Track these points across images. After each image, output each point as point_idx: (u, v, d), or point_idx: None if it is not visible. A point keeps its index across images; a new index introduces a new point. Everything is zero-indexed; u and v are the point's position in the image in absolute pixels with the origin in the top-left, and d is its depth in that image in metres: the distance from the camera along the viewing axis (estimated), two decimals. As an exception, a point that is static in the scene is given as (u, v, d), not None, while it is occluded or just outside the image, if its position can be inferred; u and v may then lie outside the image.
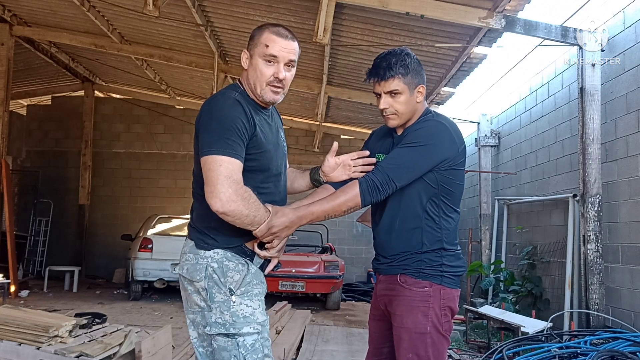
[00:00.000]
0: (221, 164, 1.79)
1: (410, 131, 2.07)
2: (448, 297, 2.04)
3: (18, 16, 8.95)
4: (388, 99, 2.07)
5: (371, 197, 1.97)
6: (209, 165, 1.80)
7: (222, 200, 1.77)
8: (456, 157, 2.05)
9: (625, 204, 5.33)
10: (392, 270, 2.09)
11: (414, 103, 2.09)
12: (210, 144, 1.82)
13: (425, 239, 2.04)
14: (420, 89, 2.09)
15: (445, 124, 2.08)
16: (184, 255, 2.00)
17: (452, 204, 2.08)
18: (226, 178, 1.78)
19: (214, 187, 1.78)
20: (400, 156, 2.01)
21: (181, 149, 12.81)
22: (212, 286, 1.90)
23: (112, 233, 12.06)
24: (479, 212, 9.27)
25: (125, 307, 8.09)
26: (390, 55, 2.07)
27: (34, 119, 13.21)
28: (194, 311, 1.97)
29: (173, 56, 9.04)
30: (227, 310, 1.88)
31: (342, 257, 10.13)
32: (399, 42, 6.53)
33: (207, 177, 1.81)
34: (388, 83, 2.05)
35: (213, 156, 1.80)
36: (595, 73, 5.45)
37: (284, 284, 8.33)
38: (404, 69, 2.04)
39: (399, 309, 2.04)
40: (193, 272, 1.93)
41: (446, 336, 2.05)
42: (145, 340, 3.75)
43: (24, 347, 3.58)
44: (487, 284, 7.69)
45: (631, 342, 4.45)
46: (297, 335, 5.65)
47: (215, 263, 1.92)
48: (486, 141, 9.13)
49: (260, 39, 1.94)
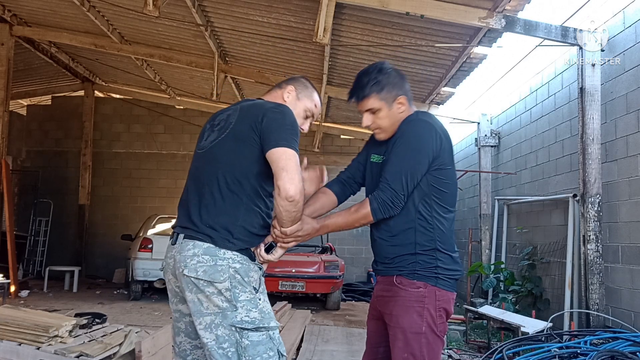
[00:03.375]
0: (295, 159, 1.95)
1: (398, 135, 2.11)
2: (443, 299, 2.07)
3: (18, 16, 8.95)
4: (369, 116, 2.17)
5: (383, 214, 2.05)
6: (288, 155, 1.93)
7: (298, 188, 1.90)
8: (442, 154, 2.07)
9: (625, 204, 5.33)
10: (389, 272, 2.13)
11: (396, 115, 2.14)
12: (286, 139, 1.96)
13: (418, 239, 2.07)
14: (400, 99, 2.14)
15: (429, 121, 2.11)
16: (194, 257, 1.96)
17: (445, 203, 2.10)
18: (299, 171, 1.94)
19: (293, 174, 1.90)
20: (398, 166, 2.04)
21: (181, 149, 12.82)
22: (235, 286, 1.94)
23: (112, 233, 12.07)
24: (479, 212, 9.27)
25: (125, 307, 8.10)
26: (363, 75, 2.16)
27: (34, 119, 13.21)
28: (212, 313, 1.94)
29: (173, 56, 9.04)
30: (255, 308, 1.96)
31: (342, 257, 10.14)
32: (399, 42, 6.53)
33: (285, 164, 1.91)
34: (364, 103, 2.15)
35: (289, 149, 1.94)
36: (595, 73, 5.45)
37: (284, 284, 8.33)
38: (377, 86, 2.12)
39: (395, 309, 2.07)
40: (213, 273, 1.93)
41: (441, 337, 2.07)
42: (145, 340, 3.75)
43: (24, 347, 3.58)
44: (489, 285, 7.68)
45: (631, 342, 4.45)
46: (297, 335, 5.65)
47: (238, 264, 1.96)
48: (486, 141, 9.13)
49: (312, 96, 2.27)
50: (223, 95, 9.53)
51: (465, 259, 9.43)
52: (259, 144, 1.99)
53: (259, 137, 1.99)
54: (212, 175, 2.05)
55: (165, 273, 2.14)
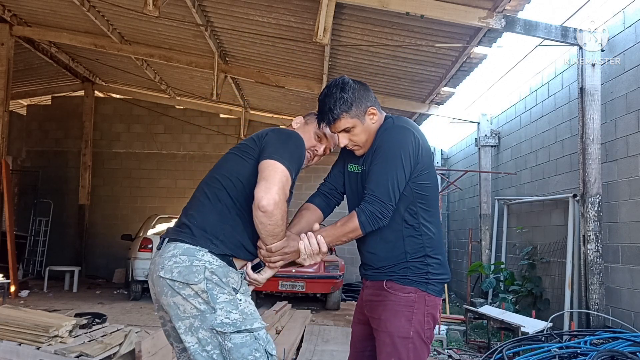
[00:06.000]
0: (283, 174, 1.91)
1: (377, 145, 2.06)
2: (432, 305, 2.06)
3: (18, 16, 8.95)
4: (344, 135, 2.11)
5: (372, 226, 1.99)
6: (275, 167, 1.92)
7: (272, 199, 1.85)
8: (421, 158, 2.04)
9: (625, 204, 5.33)
10: (379, 277, 2.11)
11: (370, 126, 2.10)
12: (281, 155, 1.95)
13: (408, 248, 2.06)
14: (371, 110, 2.10)
15: (405, 126, 2.08)
16: (172, 259, 1.93)
17: (429, 207, 2.09)
18: (282, 186, 1.89)
19: (271, 185, 1.87)
20: (382, 176, 1.99)
21: (181, 149, 12.82)
22: (212, 287, 1.90)
23: (112, 233, 12.07)
24: (479, 212, 9.27)
25: (125, 307, 8.10)
26: (327, 97, 2.07)
27: (34, 119, 13.21)
28: (191, 316, 1.91)
29: (173, 56, 9.04)
30: (236, 309, 1.92)
31: (342, 257, 10.12)
32: (399, 42, 6.53)
33: (268, 175, 1.90)
34: (337, 125, 2.09)
35: (279, 164, 1.93)
36: (595, 73, 5.45)
37: (284, 284, 8.32)
38: (345, 105, 2.05)
39: (383, 313, 2.05)
40: (188, 274, 1.90)
41: (427, 344, 2.06)
42: (145, 340, 3.75)
43: (24, 347, 3.58)
44: (489, 286, 7.68)
45: (631, 342, 4.44)
46: (297, 335, 5.65)
47: (215, 265, 1.93)
48: (486, 141, 9.13)
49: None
50: (223, 95, 9.54)
51: (465, 259, 9.43)
52: (257, 156, 2.00)
53: (260, 149, 2.01)
54: (209, 181, 2.08)
55: (149, 279, 2.11)
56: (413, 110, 8.99)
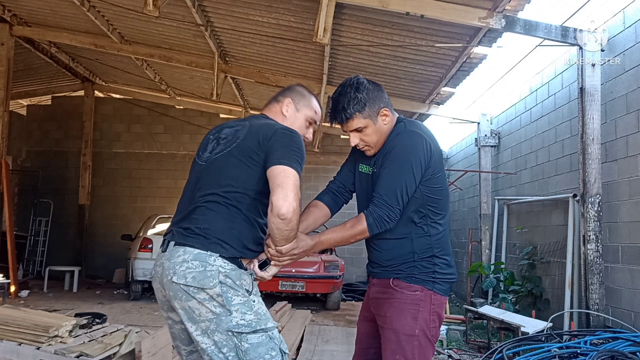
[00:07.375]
0: (294, 178, 1.92)
1: (388, 149, 2.07)
2: (437, 304, 2.07)
3: (18, 16, 8.95)
4: (356, 134, 2.13)
5: (379, 228, 2.01)
6: (287, 173, 1.92)
7: (291, 206, 1.86)
8: (433, 163, 2.06)
9: (625, 204, 5.33)
10: (386, 275, 2.13)
11: (382, 127, 2.12)
12: (289, 159, 1.95)
13: (416, 248, 2.08)
14: (384, 112, 2.11)
15: (417, 131, 2.09)
16: (183, 264, 1.93)
17: (439, 210, 2.10)
18: (297, 191, 1.91)
19: (288, 192, 1.87)
20: (391, 181, 2.01)
21: (181, 149, 12.81)
22: (227, 290, 1.92)
23: (112, 233, 12.08)
24: (479, 212, 9.27)
25: (125, 307, 8.09)
26: (341, 97, 2.09)
27: (34, 119, 13.20)
28: (206, 319, 1.91)
29: (173, 56, 9.03)
30: (250, 310, 1.94)
31: (342, 257, 10.13)
32: (399, 42, 6.53)
33: (282, 181, 1.90)
34: (349, 124, 2.11)
35: (290, 168, 1.93)
36: (595, 73, 5.45)
37: (284, 284, 8.32)
38: (358, 105, 2.07)
39: (389, 311, 2.07)
40: (203, 279, 1.91)
41: (432, 342, 2.07)
42: (145, 340, 3.74)
43: (24, 347, 3.58)
44: (489, 285, 7.69)
45: (631, 342, 4.45)
46: (297, 335, 5.65)
47: (228, 269, 1.95)
48: (486, 141, 9.13)
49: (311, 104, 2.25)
50: (223, 95, 9.53)
51: (465, 259, 9.43)
52: (263, 162, 1.99)
53: (265, 155, 1.99)
54: (212, 186, 2.04)
55: (153, 281, 2.11)
56: (413, 110, 8.99)
